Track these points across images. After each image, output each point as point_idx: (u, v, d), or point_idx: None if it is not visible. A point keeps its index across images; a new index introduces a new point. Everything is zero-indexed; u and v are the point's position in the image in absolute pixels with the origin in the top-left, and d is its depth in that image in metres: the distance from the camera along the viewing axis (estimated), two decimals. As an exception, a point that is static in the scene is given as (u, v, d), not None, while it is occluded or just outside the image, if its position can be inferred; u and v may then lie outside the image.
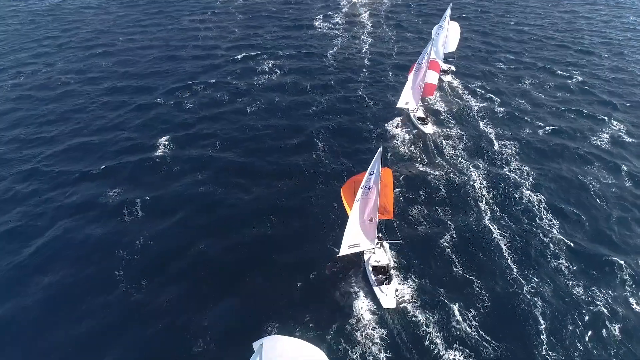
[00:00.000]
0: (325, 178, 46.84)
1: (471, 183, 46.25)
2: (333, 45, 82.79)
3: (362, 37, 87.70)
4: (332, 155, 50.51)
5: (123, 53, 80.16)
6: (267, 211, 42.36)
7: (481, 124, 57.57)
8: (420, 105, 58.94)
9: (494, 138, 54.40)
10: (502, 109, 61.06)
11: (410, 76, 54.46)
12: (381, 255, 36.31)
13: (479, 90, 66.67)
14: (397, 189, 44.10)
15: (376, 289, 33.66)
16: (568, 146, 53.27)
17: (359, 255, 36.59)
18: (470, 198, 44.23)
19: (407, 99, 54.53)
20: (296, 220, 41.55)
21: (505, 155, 50.93)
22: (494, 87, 67.96)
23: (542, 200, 43.85)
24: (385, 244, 37.64)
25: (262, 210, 42.49)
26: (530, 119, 59.12)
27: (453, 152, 51.27)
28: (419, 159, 50.00)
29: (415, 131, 54.96)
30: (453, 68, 72.86)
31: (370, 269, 35.03)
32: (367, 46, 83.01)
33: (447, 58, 72.71)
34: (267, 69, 72.41)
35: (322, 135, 54.13)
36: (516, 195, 44.57)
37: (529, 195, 44.60)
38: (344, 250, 33.20)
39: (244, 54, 78.05)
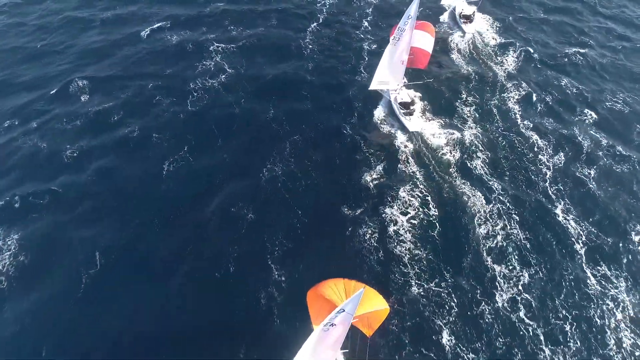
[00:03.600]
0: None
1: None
2: (318, 10, 54.45)
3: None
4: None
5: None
6: None
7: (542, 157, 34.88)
8: (405, 84, 40.80)
9: (563, 210, 31.41)
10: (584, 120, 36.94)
11: (389, 45, 36.95)
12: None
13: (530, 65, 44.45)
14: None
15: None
16: None
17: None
18: None
19: (384, 77, 38.29)
20: None
21: (600, 284, 28.46)
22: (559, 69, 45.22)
23: None
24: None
25: None
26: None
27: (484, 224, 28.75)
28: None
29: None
30: (475, 12, 51.85)
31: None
32: (371, 8, 54.73)
33: None
34: (210, 65, 45.99)
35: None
36: None
37: None
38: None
39: (177, 30, 50.76)
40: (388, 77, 38.66)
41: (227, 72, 45.27)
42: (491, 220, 32.31)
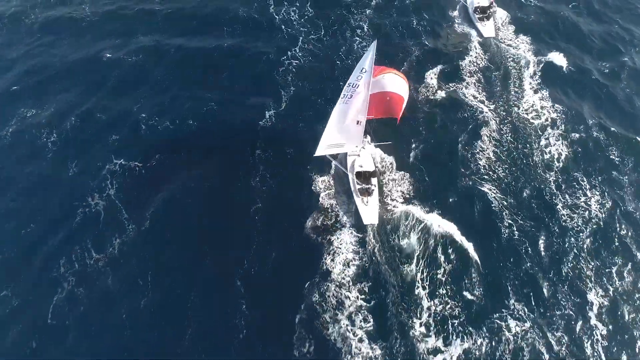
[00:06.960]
0: None
1: None
2: (281, 82, 35.57)
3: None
4: None
5: None
6: None
7: None
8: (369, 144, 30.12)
9: None
10: None
11: (337, 105, 26.48)
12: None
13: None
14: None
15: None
16: None
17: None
18: None
19: (333, 139, 27.57)
20: None
21: None
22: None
23: None
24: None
25: None
26: None
27: None
28: None
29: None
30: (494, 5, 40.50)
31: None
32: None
33: None
34: (100, 210, 28.45)
35: None
36: None
37: None
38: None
39: (61, 122, 32.52)
40: (338, 138, 27.79)
41: (125, 231, 27.74)
42: None
